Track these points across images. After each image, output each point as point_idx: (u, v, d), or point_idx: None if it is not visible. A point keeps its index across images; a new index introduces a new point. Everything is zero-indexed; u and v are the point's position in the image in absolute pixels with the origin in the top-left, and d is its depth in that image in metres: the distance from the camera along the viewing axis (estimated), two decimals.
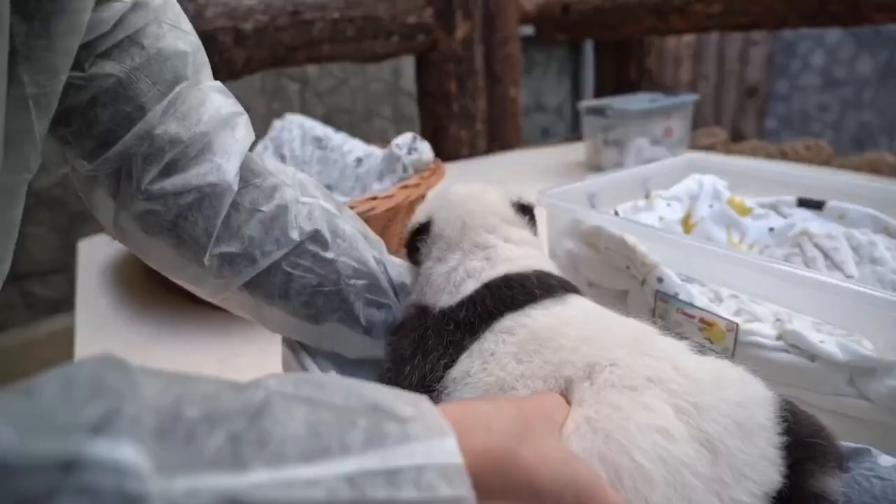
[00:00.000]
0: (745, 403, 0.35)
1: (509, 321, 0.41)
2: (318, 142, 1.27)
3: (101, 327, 0.82)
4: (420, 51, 1.67)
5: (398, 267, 0.54)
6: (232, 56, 1.35)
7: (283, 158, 1.26)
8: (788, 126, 4.00)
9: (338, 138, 1.26)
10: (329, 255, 0.48)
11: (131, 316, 0.84)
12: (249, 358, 0.70)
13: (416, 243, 0.50)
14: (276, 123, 1.32)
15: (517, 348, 0.39)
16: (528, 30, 2.39)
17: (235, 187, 0.44)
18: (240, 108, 0.46)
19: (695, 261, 0.57)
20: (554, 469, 0.28)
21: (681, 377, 0.35)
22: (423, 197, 0.90)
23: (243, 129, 0.46)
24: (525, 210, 0.51)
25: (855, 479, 0.35)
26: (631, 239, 0.60)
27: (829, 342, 0.47)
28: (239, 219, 0.45)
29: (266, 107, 2.57)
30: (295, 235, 0.46)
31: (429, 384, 0.42)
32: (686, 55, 4.27)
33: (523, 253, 0.47)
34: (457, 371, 0.41)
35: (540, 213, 0.54)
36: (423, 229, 0.50)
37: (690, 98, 1.49)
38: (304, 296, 0.48)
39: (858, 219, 0.67)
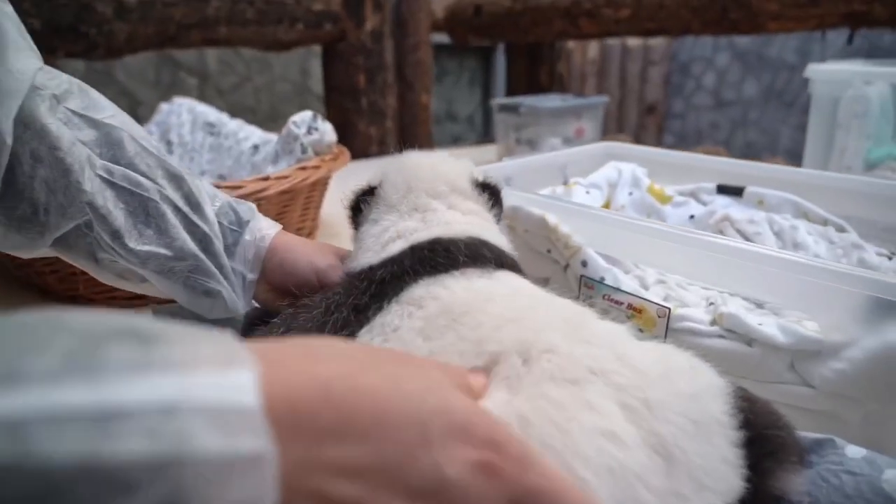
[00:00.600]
0: (698, 396, 0.29)
1: (421, 290, 0.34)
2: (211, 127, 1.15)
3: None
4: (327, 41, 1.58)
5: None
6: (112, 29, 1.20)
7: (169, 145, 1.13)
8: (684, 142, 4.24)
9: (233, 124, 1.15)
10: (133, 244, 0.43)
11: None
12: None
13: (359, 205, 0.46)
14: (163, 107, 1.18)
15: (424, 323, 0.32)
16: (440, 38, 2.35)
17: (9, 140, 0.38)
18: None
19: (624, 241, 0.52)
20: (412, 394, 0.20)
21: (626, 368, 0.29)
22: (324, 180, 0.81)
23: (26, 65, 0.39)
24: (487, 189, 0.47)
25: (821, 476, 0.31)
26: (552, 219, 0.55)
27: (768, 324, 0.43)
28: (22, 174, 0.39)
29: (160, 101, 2.39)
30: (85, 199, 0.41)
31: None
32: (591, 72, 4.44)
33: (466, 220, 0.42)
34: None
35: None
36: (370, 191, 0.46)
37: (601, 100, 1.49)
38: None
39: (778, 204, 0.66)
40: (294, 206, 0.76)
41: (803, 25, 1.31)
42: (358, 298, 0.36)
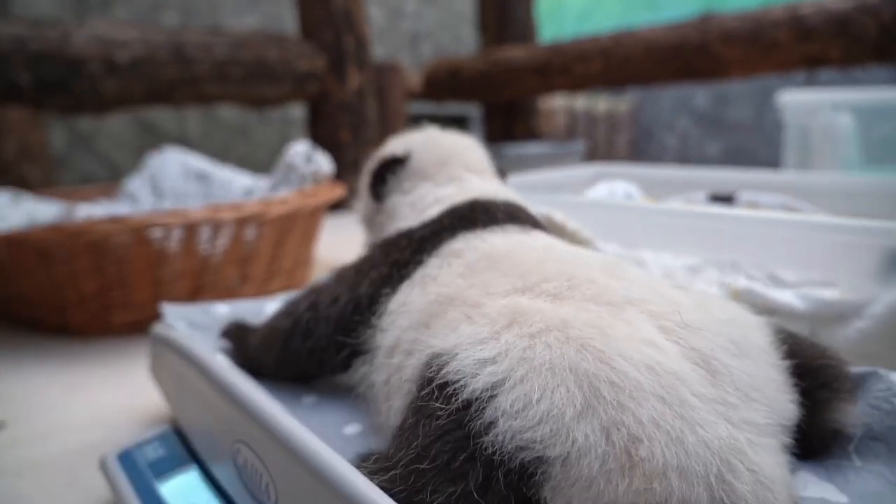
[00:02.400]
0: (735, 321, 0.29)
1: (460, 243, 0.34)
2: (202, 176, 1.16)
3: None
4: (312, 99, 1.62)
5: None
6: (103, 87, 1.22)
7: (161, 193, 1.12)
8: None
9: (223, 173, 1.15)
10: None
11: None
12: (95, 388, 0.56)
13: (385, 175, 0.46)
14: (153, 157, 1.19)
15: (464, 268, 0.32)
16: (418, 107, 2.44)
17: None
18: None
19: (632, 227, 0.53)
20: None
21: (661, 299, 0.29)
22: (322, 209, 0.82)
23: None
24: (503, 175, 0.51)
25: (871, 405, 0.30)
26: (559, 216, 0.56)
27: (785, 294, 0.44)
28: None
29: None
30: None
31: (361, 313, 0.35)
32: (558, 137, 4.60)
33: (501, 189, 0.44)
34: (395, 302, 0.33)
35: None
36: (399, 161, 0.46)
37: (578, 146, 1.54)
38: None
39: (771, 207, 0.68)
40: (294, 231, 0.76)
41: (763, 69, 1.40)
42: (399, 255, 0.36)
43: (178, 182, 1.17)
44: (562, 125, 4.49)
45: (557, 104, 4.31)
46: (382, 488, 0.21)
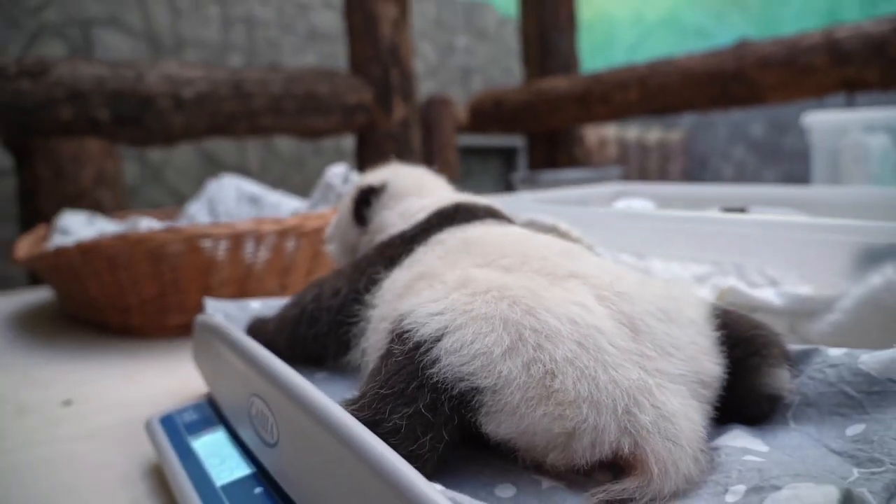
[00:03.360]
0: (671, 296, 0.33)
1: (445, 234, 0.40)
2: (254, 200, 1.25)
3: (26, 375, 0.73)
4: (359, 129, 1.73)
5: None
6: (170, 121, 1.35)
7: (217, 215, 1.23)
8: None
9: (273, 196, 1.25)
10: None
11: (38, 358, 0.75)
12: (149, 376, 0.64)
13: (369, 199, 0.52)
14: (211, 183, 1.30)
15: (443, 252, 0.37)
16: (466, 140, 2.53)
17: None
18: None
19: (629, 233, 0.57)
20: None
21: (605, 275, 0.33)
22: None
23: None
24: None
25: (809, 376, 0.33)
26: (564, 225, 0.60)
27: (766, 292, 0.47)
28: None
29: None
30: None
31: (359, 303, 0.40)
32: (608, 166, 4.58)
33: (476, 197, 0.49)
34: (386, 283, 0.38)
35: None
36: (378, 189, 0.53)
37: (614, 171, 1.57)
38: None
39: None
40: None
41: (800, 94, 1.40)
42: (393, 251, 0.42)
43: (232, 205, 1.27)
44: (613, 155, 4.49)
45: (609, 134, 4.33)
46: (352, 414, 0.27)
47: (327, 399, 0.28)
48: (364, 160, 1.78)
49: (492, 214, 0.44)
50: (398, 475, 0.22)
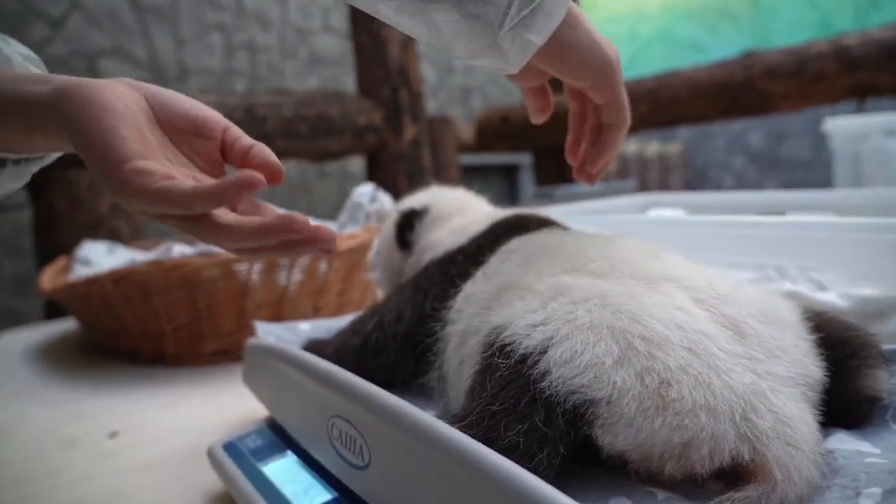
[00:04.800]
0: (765, 298, 0.33)
1: (516, 243, 0.39)
2: None
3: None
4: (370, 150, 1.73)
5: None
6: None
7: None
8: None
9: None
10: None
11: (72, 389, 0.74)
12: (192, 405, 0.63)
13: (413, 223, 0.53)
14: None
15: (522, 259, 0.37)
16: (467, 159, 2.54)
17: None
18: None
19: (668, 237, 0.56)
20: None
21: (697, 276, 0.33)
22: None
23: None
24: None
25: None
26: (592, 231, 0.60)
27: (828, 294, 0.46)
28: None
29: None
30: None
31: (425, 327, 0.39)
32: (609, 180, 4.61)
33: (525, 210, 0.49)
34: (461, 298, 0.38)
35: None
36: (421, 212, 0.53)
37: (629, 184, 1.58)
38: None
39: None
40: (361, 265, 0.82)
41: (811, 101, 1.41)
42: (457, 268, 0.41)
43: None
44: (613, 169, 4.51)
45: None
46: (462, 432, 0.26)
47: (431, 417, 0.27)
48: (375, 181, 1.78)
49: (550, 222, 0.44)
50: (540, 495, 0.21)
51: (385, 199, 0.89)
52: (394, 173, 1.73)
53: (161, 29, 2.59)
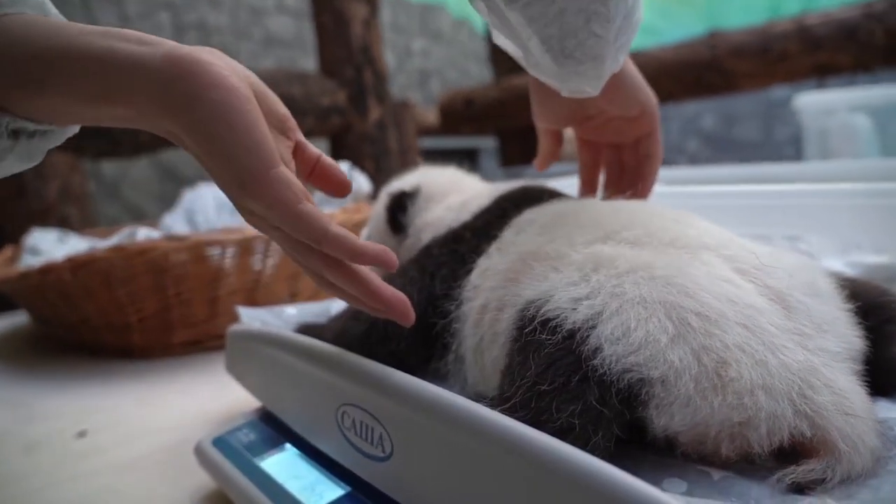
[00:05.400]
0: (804, 267, 0.31)
1: (529, 214, 0.37)
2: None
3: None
4: (334, 132, 1.68)
5: None
6: (139, 131, 1.27)
7: (195, 225, 1.16)
8: None
9: None
10: None
11: (28, 382, 0.68)
12: (165, 400, 0.58)
13: (405, 204, 0.50)
14: (187, 193, 1.23)
15: (540, 229, 0.34)
16: (427, 143, 2.51)
17: None
18: None
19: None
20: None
21: (733, 244, 0.31)
22: (360, 225, 0.84)
23: None
24: None
25: None
26: None
27: (834, 263, 0.46)
28: None
29: (164, 213, 2.48)
30: None
31: (437, 310, 0.37)
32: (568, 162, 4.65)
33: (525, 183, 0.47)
34: (475, 274, 0.35)
35: None
36: (412, 193, 0.50)
37: None
38: None
39: None
40: None
41: (774, 80, 1.43)
42: (466, 246, 0.39)
43: (212, 214, 1.21)
44: (569, 153, 4.54)
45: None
46: (507, 415, 0.23)
47: (467, 401, 0.25)
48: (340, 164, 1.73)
49: (558, 194, 0.42)
50: (611, 479, 0.19)
51: (361, 179, 0.85)
52: (359, 155, 1.68)
53: (104, 5, 2.45)
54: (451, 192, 0.50)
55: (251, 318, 0.49)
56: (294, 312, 0.51)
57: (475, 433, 0.23)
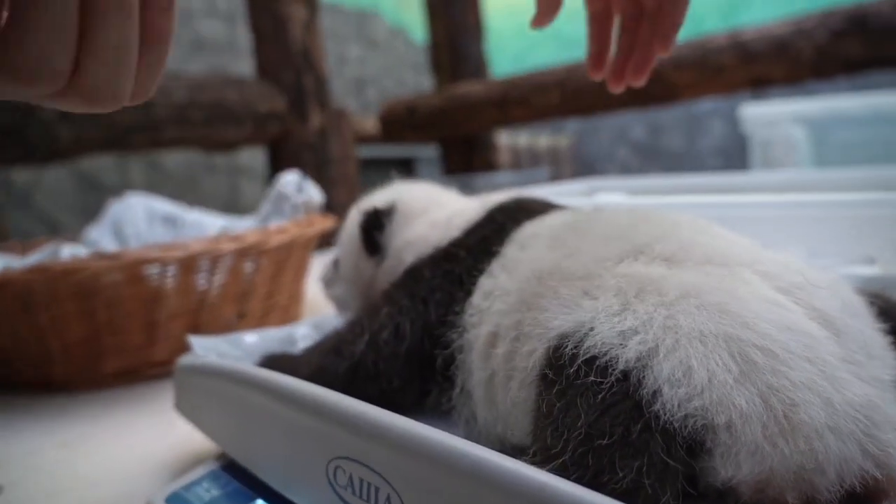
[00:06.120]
0: (836, 284, 0.29)
1: (531, 228, 0.33)
2: (170, 222, 1.10)
3: None
4: (273, 139, 1.60)
5: None
6: (57, 134, 1.16)
7: (124, 239, 1.06)
8: None
9: (193, 216, 1.11)
10: None
11: None
12: (100, 437, 0.51)
13: (382, 223, 0.46)
14: (113, 204, 1.13)
15: (550, 241, 0.31)
16: (363, 152, 2.45)
17: None
18: None
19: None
20: None
21: (765, 259, 0.29)
22: (315, 240, 0.79)
23: None
24: None
25: None
26: None
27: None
28: None
29: (83, 226, 2.31)
30: None
31: (441, 325, 0.32)
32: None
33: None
34: (478, 296, 0.31)
35: None
36: (388, 210, 0.47)
37: (543, 173, 1.57)
38: None
39: None
40: (290, 263, 0.73)
41: (713, 91, 1.47)
42: (459, 265, 0.35)
43: (143, 227, 1.11)
44: (507, 162, 4.60)
45: (502, 142, 4.42)
46: (559, 475, 0.19)
47: (505, 458, 0.20)
48: (279, 173, 1.65)
49: (555, 206, 0.39)
50: None
51: (313, 190, 0.79)
52: (300, 164, 1.60)
53: None
54: (431, 208, 0.46)
55: (204, 348, 0.43)
56: (255, 341, 0.46)
57: (522, 500, 0.19)
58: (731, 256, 0.27)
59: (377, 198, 0.49)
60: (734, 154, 3.55)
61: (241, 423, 0.34)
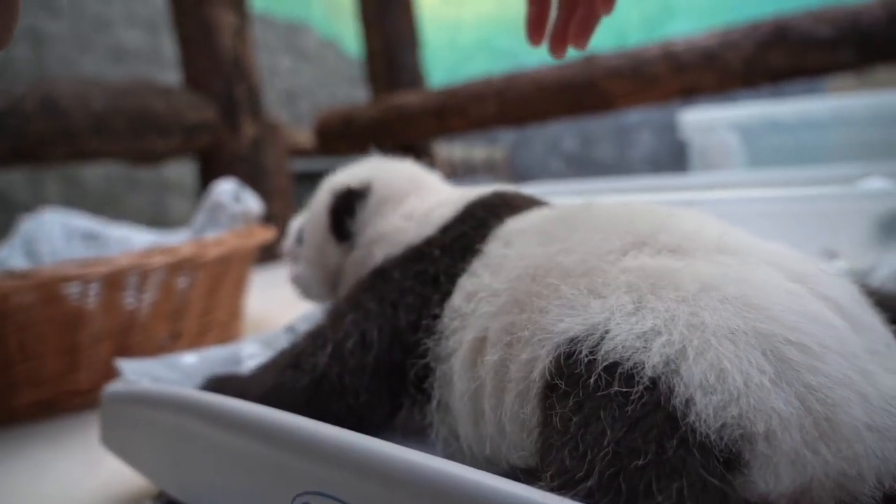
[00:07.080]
0: (839, 276, 0.28)
1: (515, 223, 0.31)
2: (91, 238, 1.02)
3: None
4: (203, 151, 1.52)
5: None
6: None
7: (38, 259, 0.97)
8: None
9: (118, 231, 1.02)
10: None
11: None
12: (14, 476, 0.45)
13: (353, 207, 0.42)
14: (25, 222, 1.03)
15: (539, 237, 0.28)
16: (301, 165, 2.38)
17: None
18: None
19: None
20: None
21: (766, 250, 0.27)
22: (255, 253, 0.74)
23: None
24: None
25: None
26: None
27: None
28: None
29: None
30: None
31: (405, 349, 0.29)
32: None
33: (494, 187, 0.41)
34: (458, 298, 0.28)
35: None
36: (362, 192, 0.42)
37: (488, 184, 1.56)
38: None
39: None
40: (228, 278, 0.68)
41: (647, 100, 1.51)
42: (435, 265, 0.32)
43: (60, 245, 1.02)
44: (443, 175, 4.60)
45: (440, 154, 4.43)
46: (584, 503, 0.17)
47: (521, 487, 0.17)
48: (208, 186, 1.57)
49: (536, 200, 0.37)
50: None
51: (251, 199, 0.74)
52: (233, 176, 1.53)
53: None
54: (410, 194, 0.42)
55: (136, 372, 0.38)
56: (194, 362, 0.41)
57: None
58: (737, 245, 0.25)
59: (352, 175, 0.44)
60: (664, 163, 3.69)
61: (183, 458, 0.29)
